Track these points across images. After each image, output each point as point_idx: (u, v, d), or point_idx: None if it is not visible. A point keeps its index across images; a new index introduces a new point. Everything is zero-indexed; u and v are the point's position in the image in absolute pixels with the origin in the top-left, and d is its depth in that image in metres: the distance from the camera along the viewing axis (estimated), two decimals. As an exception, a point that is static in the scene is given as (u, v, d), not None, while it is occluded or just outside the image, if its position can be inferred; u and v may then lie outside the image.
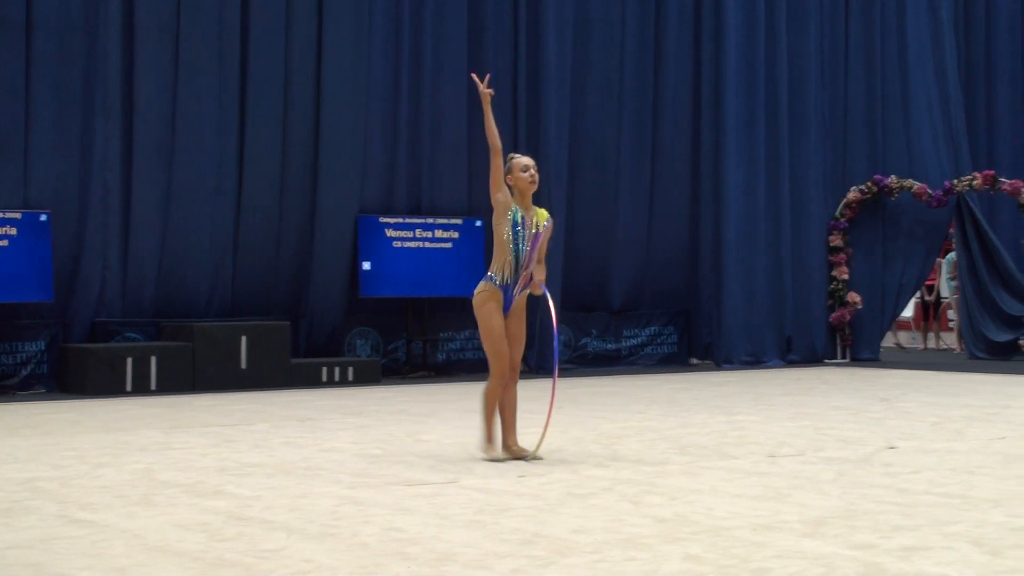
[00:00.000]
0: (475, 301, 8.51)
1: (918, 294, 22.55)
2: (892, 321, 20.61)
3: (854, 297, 19.23)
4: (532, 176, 8.51)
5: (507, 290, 8.47)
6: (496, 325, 8.41)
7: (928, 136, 19.83)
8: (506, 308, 8.50)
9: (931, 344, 23.60)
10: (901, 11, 19.90)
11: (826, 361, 19.14)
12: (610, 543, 5.77)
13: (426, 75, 16.47)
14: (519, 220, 8.46)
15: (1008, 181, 19.08)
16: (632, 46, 18.05)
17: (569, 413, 11.45)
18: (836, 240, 19.36)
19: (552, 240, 9.35)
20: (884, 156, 19.77)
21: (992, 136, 21.08)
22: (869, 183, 19.36)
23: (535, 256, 8.52)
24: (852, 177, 19.55)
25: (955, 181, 19.22)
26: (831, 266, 19.38)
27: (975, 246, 19.47)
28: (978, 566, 5.29)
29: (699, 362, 18.72)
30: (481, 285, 8.53)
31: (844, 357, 19.35)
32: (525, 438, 8.73)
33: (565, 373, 16.36)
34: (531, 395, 10.57)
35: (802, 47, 19.15)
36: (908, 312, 23.46)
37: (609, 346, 17.89)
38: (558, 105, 17.20)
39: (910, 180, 19.29)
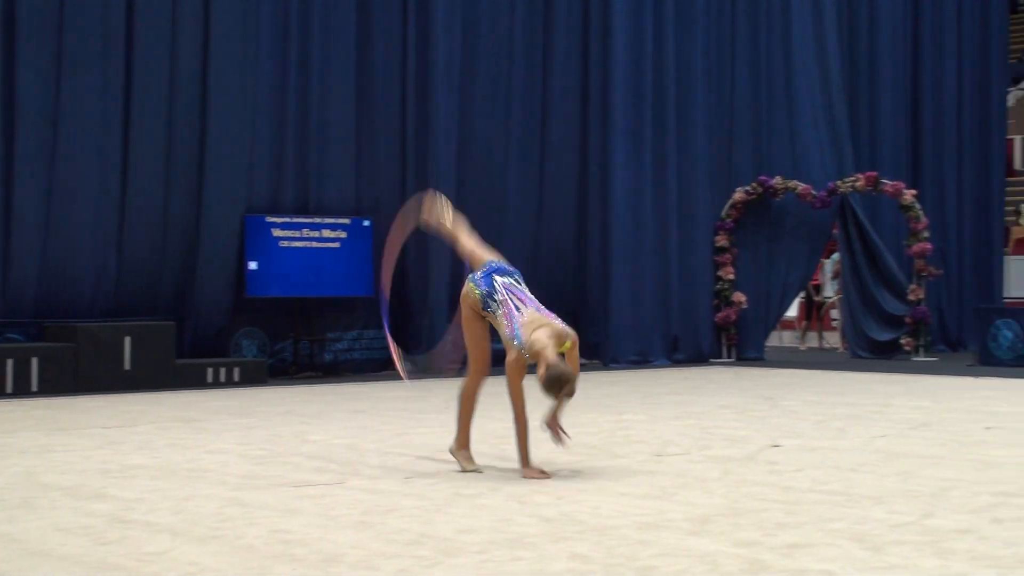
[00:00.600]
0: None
1: (803, 293, 22.84)
2: (777, 321, 20.84)
3: (739, 297, 19.41)
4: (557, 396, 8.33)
5: None
6: (476, 330, 8.60)
7: (812, 137, 20.12)
8: None
9: (813, 344, 23.92)
10: (786, 14, 20.15)
11: (712, 360, 19.31)
12: (497, 543, 5.77)
13: (314, 74, 16.36)
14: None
15: (890, 182, 19.40)
16: (521, 47, 18.06)
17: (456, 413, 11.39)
18: (722, 240, 19.54)
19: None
20: (769, 157, 20.01)
21: (875, 138, 21.43)
22: (754, 184, 19.57)
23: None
24: (738, 178, 19.75)
25: (838, 182, 19.51)
26: (717, 266, 19.55)
27: (858, 246, 19.78)
28: (859, 562, 5.36)
29: (586, 362, 18.74)
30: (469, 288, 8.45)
31: (730, 356, 19.53)
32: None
33: (455, 373, 16.32)
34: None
35: (689, 49, 19.30)
36: (792, 312, 23.77)
37: (498, 346, 17.75)
38: (447, 105, 17.15)
39: (794, 181, 19.54)
